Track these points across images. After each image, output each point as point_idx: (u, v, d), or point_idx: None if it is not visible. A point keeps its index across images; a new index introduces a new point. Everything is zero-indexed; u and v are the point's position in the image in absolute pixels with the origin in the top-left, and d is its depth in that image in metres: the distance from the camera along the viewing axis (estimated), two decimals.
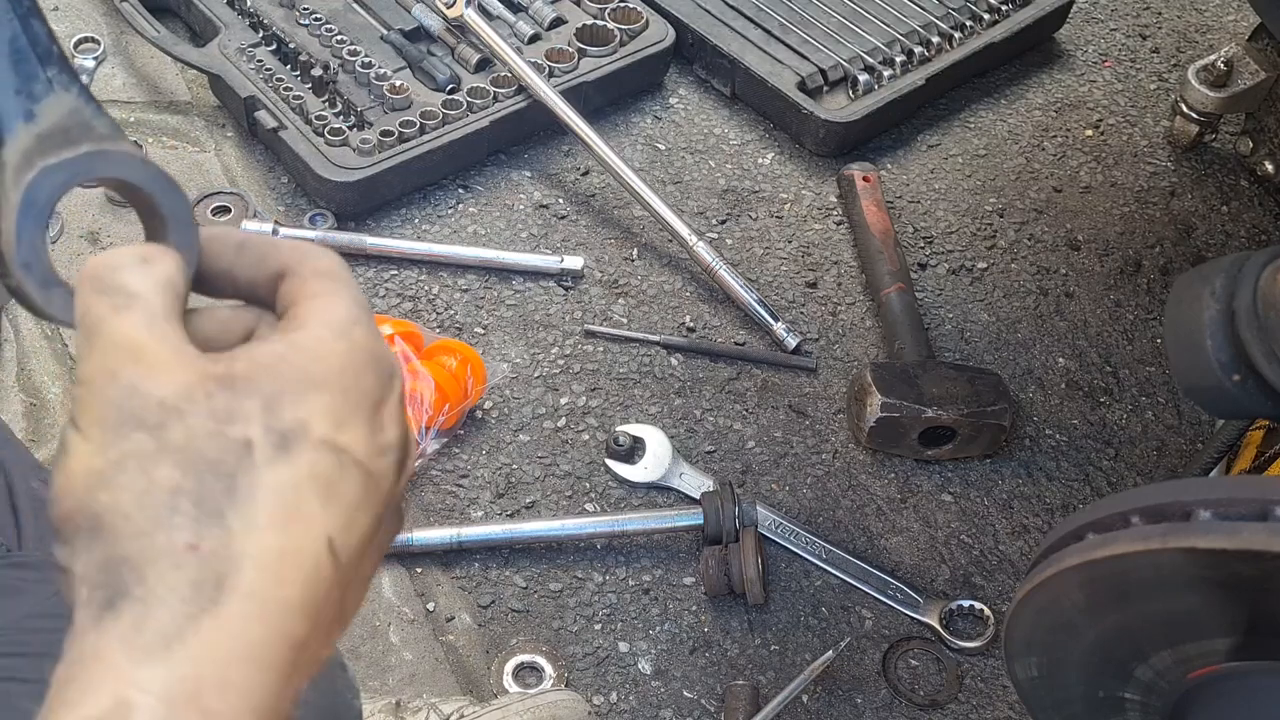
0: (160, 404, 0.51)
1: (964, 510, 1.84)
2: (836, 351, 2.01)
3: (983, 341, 2.05)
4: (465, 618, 1.68)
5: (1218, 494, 0.94)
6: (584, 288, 2.06)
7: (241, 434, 0.51)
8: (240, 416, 0.51)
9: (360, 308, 0.56)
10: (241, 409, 0.51)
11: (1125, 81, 2.51)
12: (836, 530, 1.80)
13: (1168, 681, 1.06)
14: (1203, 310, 1.17)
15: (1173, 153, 2.37)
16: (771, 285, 2.09)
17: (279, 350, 0.53)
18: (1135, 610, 1.03)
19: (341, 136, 2.08)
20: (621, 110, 2.35)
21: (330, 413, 0.53)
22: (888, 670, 1.67)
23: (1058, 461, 1.91)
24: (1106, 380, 2.02)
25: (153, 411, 0.51)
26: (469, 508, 1.79)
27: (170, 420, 0.51)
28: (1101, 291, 2.14)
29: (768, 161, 2.29)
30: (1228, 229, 2.25)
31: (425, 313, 2.00)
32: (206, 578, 0.49)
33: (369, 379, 0.55)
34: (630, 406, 1.92)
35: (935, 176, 2.30)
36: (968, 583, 1.77)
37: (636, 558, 1.76)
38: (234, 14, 2.29)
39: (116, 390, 0.51)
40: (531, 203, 2.18)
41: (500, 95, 2.19)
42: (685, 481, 1.82)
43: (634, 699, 1.63)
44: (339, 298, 0.56)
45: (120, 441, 0.50)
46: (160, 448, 0.50)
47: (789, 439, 1.90)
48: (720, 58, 2.35)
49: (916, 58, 2.36)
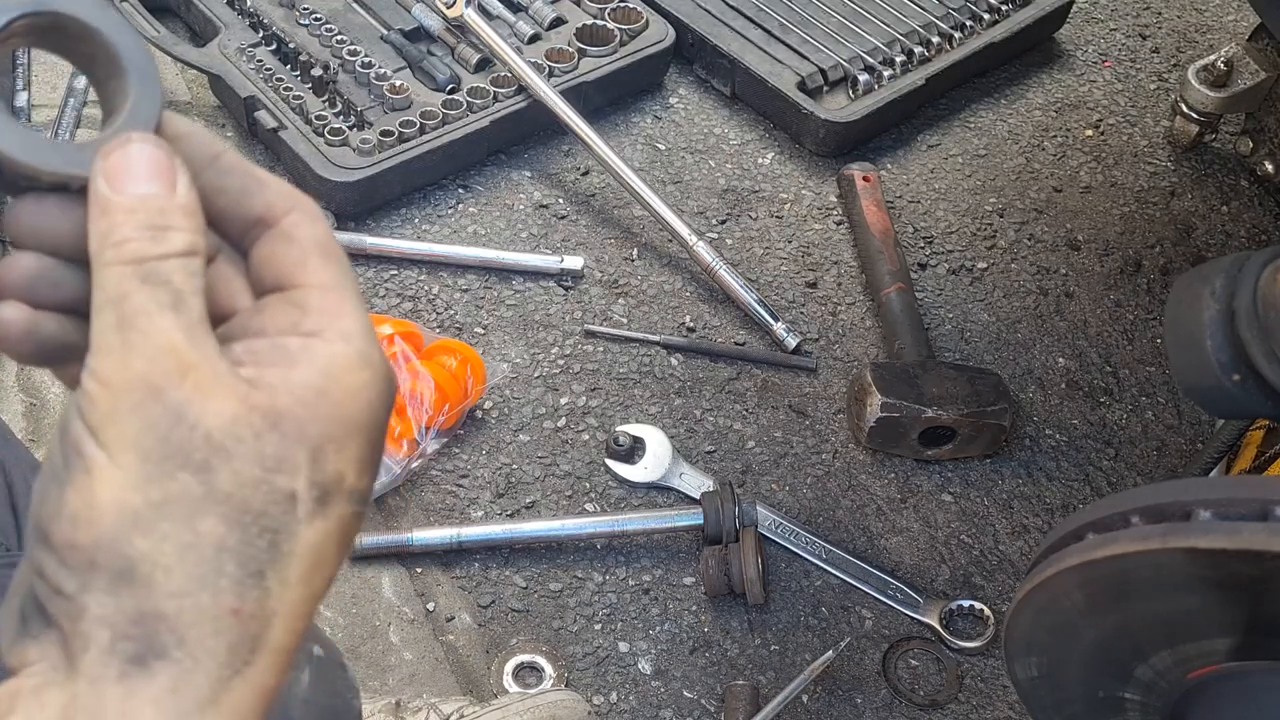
0: (207, 439, 0.48)
1: (964, 510, 1.84)
2: (836, 351, 2.01)
3: (983, 341, 2.05)
4: (465, 618, 1.68)
5: (1218, 494, 0.94)
6: (584, 288, 2.06)
7: (288, 486, 0.49)
8: (288, 466, 0.49)
9: (363, 304, 0.54)
10: (290, 458, 0.49)
11: (1125, 81, 2.51)
12: (836, 530, 1.80)
13: (1168, 681, 1.06)
14: (1203, 310, 1.17)
15: (1173, 153, 2.37)
16: (771, 285, 2.09)
17: (315, 383, 0.50)
18: (1135, 610, 1.02)
19: (341, 136, 2.08)
20: (621, 110, 2.35)
21: (360, 460, 0.52)
22: (888, 670, 1.67)
23: (1058, 461, 1.91)
24: (1106, 380, 2.02)
25: (199, 447, 0.48)
26: (469, 508, 1.79)
27: (217, 461, 0.48)
28: (1101, 291, 2.14)
29: (768, 161, 2.29)
30: (1228, 229, 2.25)
31: (425, 313, 2.00)
32: (244, 641, 0.48)
33: (385, 414, 0.53)
34: (630, 406, 1.92)
35: (935, 176, 2.30)
36: (968, 583, 1.77)
37: (636, 558, 1.76)
38: (234, 14, 2.29)
39: (160, 412, 0.47)
40: (531, 203, 2.18)
41: (500, 95, 2.19)
42: (685, 481, 1.82)
43: (634, 699, 1.63)
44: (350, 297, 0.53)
45: (164, 481, 0.47)
46: (207, 494, 0.48)
47: (789, 439, 1.90)
48: (720, 58, 2.35)
49: (916, 58, 2.36)
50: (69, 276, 0.52)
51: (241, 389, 0.49)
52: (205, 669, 0.47)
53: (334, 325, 0.52)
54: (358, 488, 0.52)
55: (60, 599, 0.48)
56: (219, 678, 0.48)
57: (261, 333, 0.52)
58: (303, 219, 0.54)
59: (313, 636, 0.99)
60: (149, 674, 0.47)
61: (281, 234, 0.54)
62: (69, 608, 0.47)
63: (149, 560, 0.47)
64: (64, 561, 0.48)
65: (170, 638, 0.47)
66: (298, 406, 0.50)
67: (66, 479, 0.48)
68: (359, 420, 0.51)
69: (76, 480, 0.48)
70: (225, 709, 0.48)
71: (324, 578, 0.52)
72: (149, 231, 0.49)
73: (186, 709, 0.47)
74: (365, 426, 0.52)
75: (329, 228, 0.55)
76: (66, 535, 0.48)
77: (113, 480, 0.47)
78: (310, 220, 0.54)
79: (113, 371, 0.48)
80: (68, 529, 0.48)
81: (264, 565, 0.49)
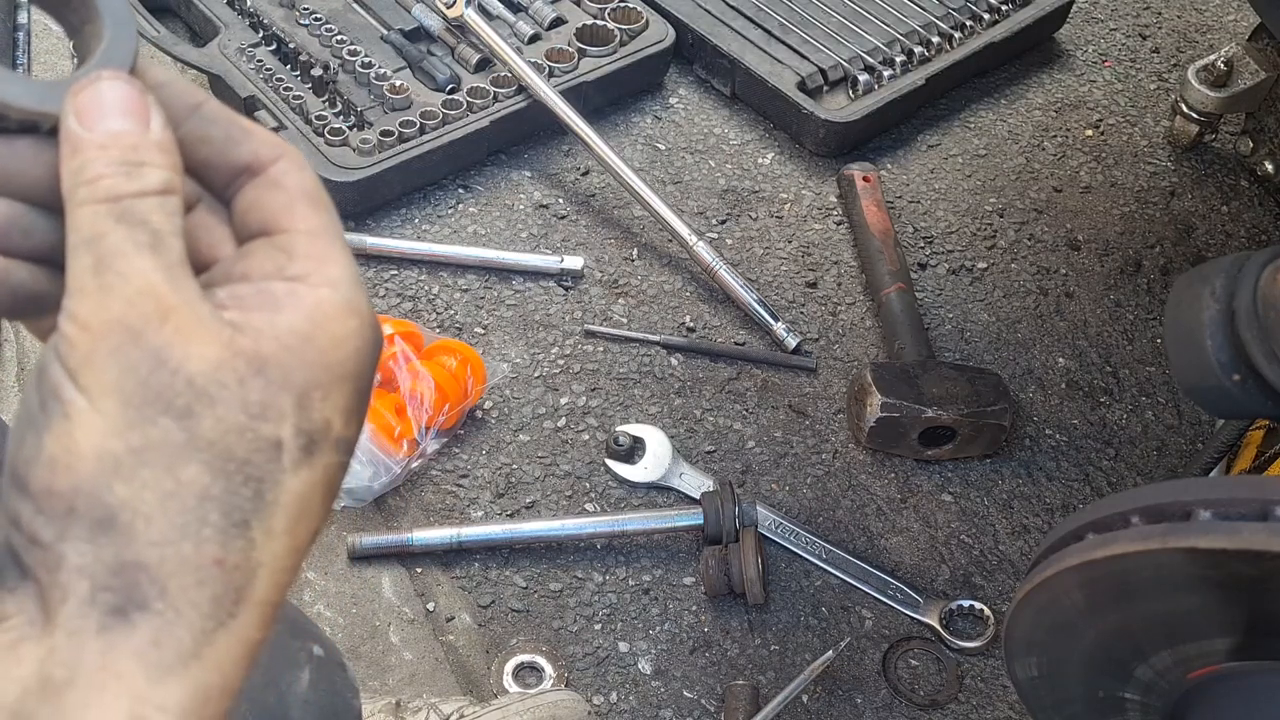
0: (189, 384, 0.46)
1: (964, 510, 1.84)
2: (836, 351, 2.01)
3: (983, 341, 2.05)
4: (465, 618, 1.68)
5: (1218, 494, 0.94)
6: (584, 288, 2.06)
7: (273, 433, 0.48)
8: (273, 413, 0.48)
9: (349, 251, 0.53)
10: (275, 405, 0.48)
11: (1125, 81, 2.51)
12: (836, 530, 1.80)
13: (1168, 681, 1.06)
14: (1203, 310, 1.17)
15: (1173, 153, 2.37)
16: (771, 285, 2.09)
17: (301, 329, 0.49)
18: (1135, 610, 1.02)
19: (341, 136, 2.08)
20: (621, 110, 2.35)
21: (348, 408, 0.51)
22: (888, 670, 1.67)
23: (1058, 461, 1.91)
24: (1106, 380, 2.02)
25: (181, 392, 0.46)
26: (469, 508, 1.79)
27: (200, 407, 0.46)
28: (1101, 291, 2.14)
29: (768, 161, 2.29)
30: (1228, 229, 2.25)
31: (425, 313, 2.00)
32: (227, 593, 0.47)
33: (372, 362, 0.52)
34: (630, 406, 1.92)
35: (935, 176, 2.30)
36: (968, 583, 1.77)
37: (636, 558, 1.76)
38: (234, 14, 2.29)
39: (140, 356, 0.46)
40: (531, 203, 2.18)
41: (500, 95, 2.19)
42: (685, 481, 1.82)
43: (634, 699, 1.63)
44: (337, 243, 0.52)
45: (145, 426, 0.46)
46: (189, 441, 0.46)
47: (789, 439, 1.90)
48: (720, 58, 2.35)
49: (916, 58, 2.36)
50: (41, 223, 0.50)
51: (225, 333, 0.48)
52: (188, 621, 0.46)
53: (320, 270, 0.51)
54: (344, 436, 0.51)
55: (37, 549, 0.46)
56: (202, 630, 0.46)
57: (245, 277, 0.51)
58: (291, 166, 0.53)
59: (313, 636, 0.99)
60: (130, 626, 0.46)
61: (268, 180, 0.53)
62: (46, 557, 0.46)
63: (129, 508, 0.46)
64: (41, 509, 0.46)
65: (152, 589, 0.46)
66: (283, 352, 0.48)
67: (44, 424, 0.47)
68: (345, 367, 0.50)
69: (55, 425, 0.46)
70: (208, 662, 0.47)
71: (309, 529, 0.50)
72: (123, 168, 0.48)
73: (168, 662, 0.46)
74: (352, 374, 0.51)
75: (317, 177, 0.54)
76: (44, 481, 0.46)
77: (93, 425, 0.46)
78: (298, 168, 0.53)
79: (90, 314, 0.46)
80: (45, 474, 0.46)
81: (248, 515, 0.47)
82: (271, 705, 0.90)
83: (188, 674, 0.46)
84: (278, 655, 0.92)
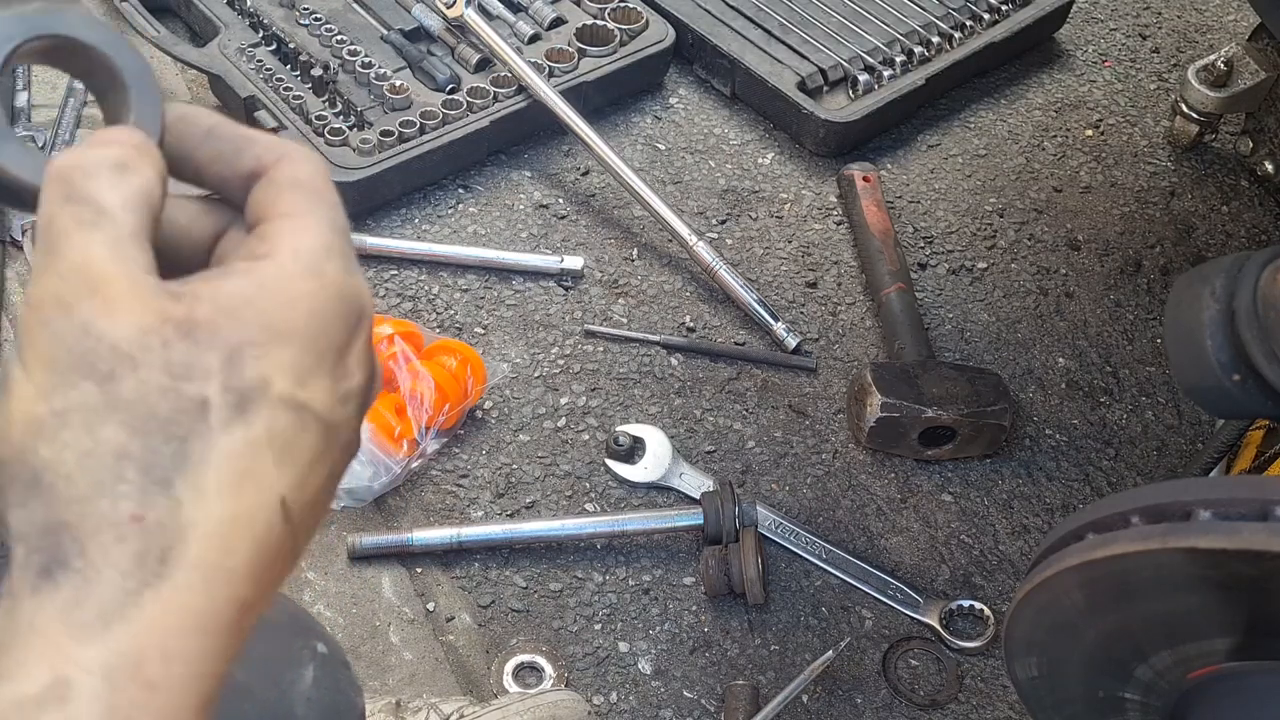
0: (113, 349, 0.47)
1: (964, 510, 1.84)
2: (836, 351, 2.01)
3: (983, 341, 2.05)
4: (465, 618, 1.69)
5: (1218, 494, 0.94)
6: (584, 288, 2.07)
7: (198, 392, 0.48)
8: (198, 372, 0.48)
9: (336, 232, 0.53)
10: (200, 363, 0.48)
11: (1125, 81, 2.51)
12: (836, 530, 1.80)
13: (1168, 681, 1.06)
14: (1203, 310, 1.18)
15: (1173, 153, 2.37)
16: (771, 285, 2.09)
17: (244, 291, 0.50)
18: (1135, 610, 1.03)
19: (341, 136, 2.08)
20: (621, 110, 2.35)
21: (294, 367, 0.50)
22: (888, 670, 1.67)
23: (1058, 461, 1.91)
24: (1106, 380, 2.02)
25: (104, 358, 0.47)
26: (469, 508, 1.79)
27: (122, 370, 0.47)
28: (1101, 291, 2.14)
29: (768, 161, 2.29)
30: (1228, 229, 2.25)
31: (425, 313, 2.00)
32: (150, 551, 0.47)
33: (337, 325, 0.52)
34: (630, 406, 1.92)
35: (935, 176, 2.30)
36: (968, 583, 1.77)
37: (636, 558, 1.76)
38: (234, 14, 2.29)
39: (68, 326, 0.47)
40: (531, 203, 2.18)
41: (500, 95, 2.19)
42: (685, 481, 1.82)
43: (634, 699, 1.63)
44: (313, 219, 0.53)
45: (66, 390, 0.47)
46: (108, 403, 0.47)
47: (789, 439, 1.90)
48: (720, 58, 2.35)
49: (916, 58, 2.36)
50: None
51: (159, 302, 0.49)
52: (107, 579, 0.46)
53: (287, 245, 0.52)
54: (292, 395, 0.50)
55: None
56: (124, 589, 0.46)
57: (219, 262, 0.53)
58: (287, 163, 0.54)
59: (316, 634, 0.99)
60: (54, 585, 0.46)
61: (266, 180, 0.54)
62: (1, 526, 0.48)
63: (51, 469, 0.47)
64: None
65: (73, 547, 0.46)
66: (218, 314, 0.49)
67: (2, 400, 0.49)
68: (291, 325, 0.50)
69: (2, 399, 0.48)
70: (138, 625, 0.46)
71: (256, 490, 0.49)
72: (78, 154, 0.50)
73: (88, 621, 0.46)
74: (299, 332, 0.50)
75: (318, 167, 0.55)
76: None
77: (24, 393, 0.48)
78: (292, 162, 0.54)
79: (33, 292, 0.49)
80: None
81: (170, 473, 0.47)
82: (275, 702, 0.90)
83: (110, 634, 0.46)
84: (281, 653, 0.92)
